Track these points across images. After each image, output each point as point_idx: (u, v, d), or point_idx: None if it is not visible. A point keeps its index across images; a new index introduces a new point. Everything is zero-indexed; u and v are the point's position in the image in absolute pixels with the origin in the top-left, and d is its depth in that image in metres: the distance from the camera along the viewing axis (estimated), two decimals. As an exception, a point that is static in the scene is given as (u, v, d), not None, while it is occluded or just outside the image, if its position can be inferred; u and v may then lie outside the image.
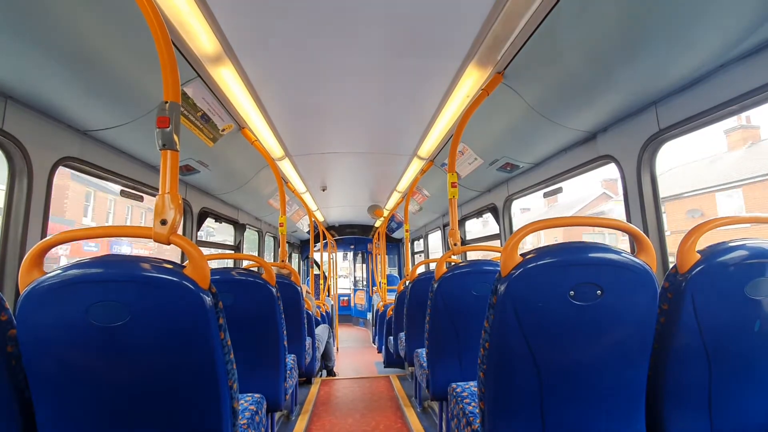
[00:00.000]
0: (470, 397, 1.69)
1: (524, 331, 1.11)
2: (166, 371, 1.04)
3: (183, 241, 1.08)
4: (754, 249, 1.13)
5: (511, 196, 3.67)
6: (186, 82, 2.00)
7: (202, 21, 1.57)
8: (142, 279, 0.98)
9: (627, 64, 1.67)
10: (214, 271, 1.97)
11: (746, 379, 1.20)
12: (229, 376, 1.12)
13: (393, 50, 1.89)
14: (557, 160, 2.87)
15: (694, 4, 1.32)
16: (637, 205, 2.11)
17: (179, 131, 1.18)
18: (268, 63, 1.97)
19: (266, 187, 4.32)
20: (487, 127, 2.67)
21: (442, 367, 2.19)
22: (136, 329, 0.99)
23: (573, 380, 1.16)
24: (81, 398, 1.03)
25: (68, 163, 2.09)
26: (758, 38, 1.45)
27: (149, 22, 1.17)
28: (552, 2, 1.45)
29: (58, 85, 1.71)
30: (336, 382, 4.16)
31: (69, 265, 0.98)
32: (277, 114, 2.62)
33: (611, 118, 2.20)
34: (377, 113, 2.70)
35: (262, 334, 2.05)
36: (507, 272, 1.10)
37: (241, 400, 1.75)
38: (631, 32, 1.49)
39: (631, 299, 1.11)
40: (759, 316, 1.14)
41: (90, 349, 1.00)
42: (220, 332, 1.06)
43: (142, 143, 2.42)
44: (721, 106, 1.66)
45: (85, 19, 1.41)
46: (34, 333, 0.97)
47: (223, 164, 3.18)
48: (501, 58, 1.88)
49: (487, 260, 2.18)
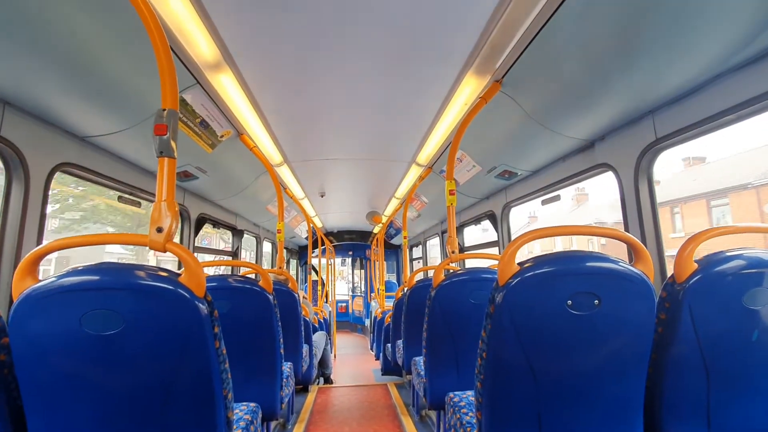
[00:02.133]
0: (467, 406, 1.68)
1: (521, 341, 1.10)
2: (160, 381, 1.03)
3: (179, 249, 1.08)
4: (751, 258, 1.12)
5: (509, 203, 3.67)
6: (185, 89, 2.00)
7: (201, 28, 1.58)
8: (136, 287, 0.97)
9: (624, 73, 1.68)
10: (210, 279, 1.96)
11: (744, 389, 1.19)
12: (224, 385, 1.11)
13: (392, 58, 1.90)
14: (555, 168, 2.87)
15: (690, 15, 1.33)
16: (635, 214, 2.11)
17: (176, 138, 1.17)
18: (267, 70, 1.98)
19: (264, 193, 4.31)
20: (486, 135, 2.68)
21: (440, 376, 2.17)
22: (130, 338, 0.98)
23: (570, 390, 1.15)
24: (74, 408, 1.02)
25: (66, 169, 2.09)
26: (754, 49, 1.46)
27: (148, 29, 1.17)
28: (550, 12, 1.46)
29: (57, 90, 1.71)
30: (333, 390, 4.13)
31: (63, 273, 0.97)
32: (276, 120, 2.62)
33: (608, 127, 2.21)
34: (376, 120, 2.71)
35: (258, 342, 2.03)
36: (504, 281, 1.10)
37: (236, 409, 1.73)
38: (627, 41, 1.50)
39: (628, 309, 1.10)
40: (757, 326, 1.14)
41: (83, 358, 0.98)
42: (215, 341, 1.05)
43: (141, 150, 2.42)
44: (718, 116, 1.67)
45: (83, 26, 1.42)
46: (27, 341, 0.96)
47: (221, 170, 3.18)
48: (499, 67, 1.89)
49: (485, 268, 2.17)
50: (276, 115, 2.55)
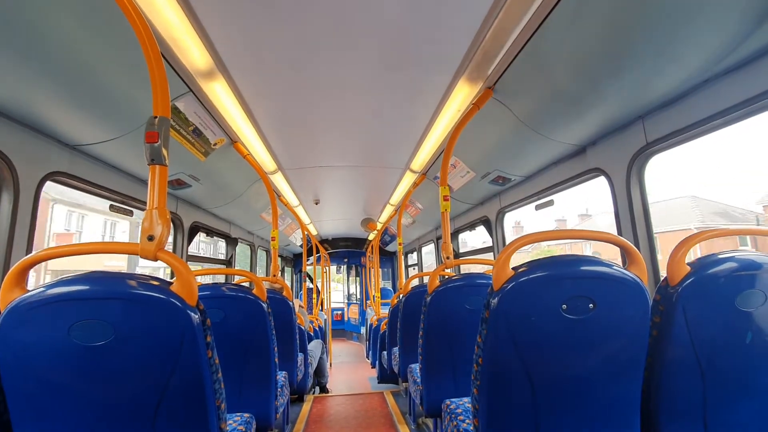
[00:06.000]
0: (464, 413, 1.66)
1: (517, 346, 1.09)
2: (151, 391, 1.01)
3: (170, 258, 1.06)
4: (743, 261, 1.13)
5: (503, 208, 3.69)
6: (178, 97, 2.00)
7: (193, 36, 1.58)
8: (126, 296, 0.96)
9: (614, 78, 1.70)
10: (203, 287, 1.94)
11: (740, 391, 1.19)
12: (217, 395, 1.09)
13: (385, 65, 1.91)
14: (548, 173, 2.90)
15: (679, 21, 1.35)
16: (628, 218, 2.13)
17: (168, 146, 1.17)
18: (260, 77, 1.98)
19: (258, 201, 4.30)
20: (479, 141, 2.69)
21: (436, 383, 2.16)
22: (120, 348, 0.96)
23: (567, 394, 1.15)
24: (62, 420, 0.99)
25: (56, 177, 2.07)
26: (741, 54, 1.48)
27: (139, 37, 1.17)
28: (540, 18, 1.48)
29: (47, 99, 1.70)
30: (329, 399, 4.08)
31: (52, 283, 0.96)
32: (270, 128, 2.62)
33: (600, 132, 2.23)
34: (369, 127, 2.71)
35: (252, 351, 2.01)
36: (499, 286, 1.09)
37: (230, 420, 1.70)
38: (617, 47, 1.52)
39: (623, 312, 1.10)
40: (750, 328, 1.15)
41: (72, 369, 0.96)
42: (207, 350, 1.04)
43: (133, 158, 2.40)
44: (707, 120, 1.69)
45: (75, 34, 1.41)
46: (15, 353, 0.94)
47: (215, 178, 3.16)
48: (491, 73, 1.91)
49: (480, 273, 2.17)
50: (269, 123, 2.55)
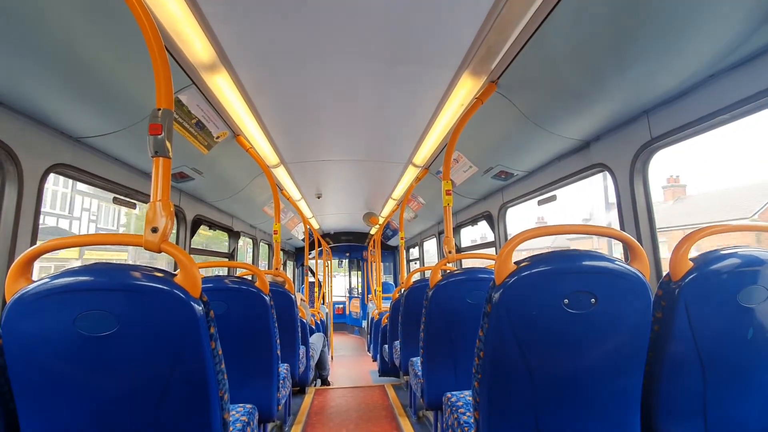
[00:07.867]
0: (465, 406, 1.68)
1: (518, 340, 1.10)
2: (155, 382, 1.02)
3: (174, 250, 1.07)
4: (745, 257, 1.13)
5: (506, 203, 3.68)
6: (180, 90, 1.99)
7: (196, 28, 1.58)
8: (131, 287, 0.97)
9: (618, 73, 1.69)
10: (206, 280, 1.95)
11: (741, 387, 1.19)
12: (220, 386, 1.10)
13: (388, 59, 1.90)
14: (551, 169, 2.89)
15: (684, 16, 1.34)
16: (631, 214, 2.12)
17: (172, 138, 1.17)
18: (263, 71, 1.98)
19: (261, 195, 4.30)
20: (482, 136, 2.68)
21: (437, 376, 2.17)
22: (124, 339, 0.97)
23: (567, 389, 1.15)
24: (67, 409, 1.01)
25: (60, 170, 2.07)
26: (747, 49, 1.47)
27: (143, 29, 1.17)
28: (545, 13, 1.46)
29: (51, 91, 1.70)
30: (330, 391, 4.11)
31: (57, 274, 0.96)
32: (272, 121, 2.62)
33: (604, 127, 2.22)
34: (372, 121, 2.71)
35: (254, 343, 2.02)
36: (501, 280, 1.10)
37: (233, 411, 1.72)
38: (622, 42, 1.51)
39: (625, 307, 1.10)
40: (752, 324, 1.15)
41: (77, 359, 0.97)
42: (210, 342, 1.05)
43: (136, 150, 2.40)
44: (712, 116, 1.68)
45: (78, 25, 1.41)
46: (20, 343, 0.95)
47: (217, 171, 3.17)
48: (495, 68, 1.90)
49: (481, 268, 2.17)
50: (272, 117, 2.54)
